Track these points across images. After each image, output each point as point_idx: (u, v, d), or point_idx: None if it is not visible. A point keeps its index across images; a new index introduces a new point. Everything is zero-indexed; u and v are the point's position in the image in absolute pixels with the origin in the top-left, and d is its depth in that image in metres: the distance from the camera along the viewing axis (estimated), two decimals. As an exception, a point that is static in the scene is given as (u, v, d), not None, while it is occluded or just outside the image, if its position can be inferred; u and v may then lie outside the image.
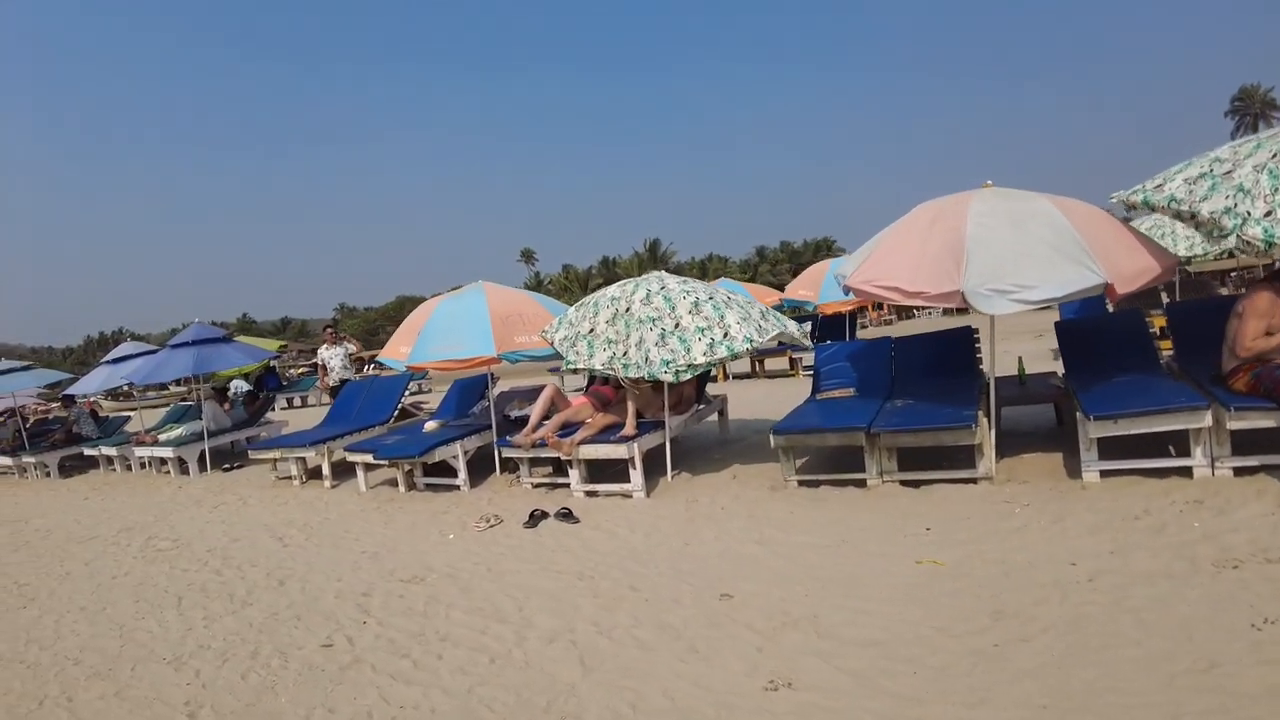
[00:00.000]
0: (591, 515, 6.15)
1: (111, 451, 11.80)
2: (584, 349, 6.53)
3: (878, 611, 3.84)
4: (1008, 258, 5.12)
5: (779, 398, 11.38)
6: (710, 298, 6.44)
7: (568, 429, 6.95)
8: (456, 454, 7.47)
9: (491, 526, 6.19)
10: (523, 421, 7.79)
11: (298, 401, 23.19)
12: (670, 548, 5.18)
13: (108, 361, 12.19)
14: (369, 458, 7.84)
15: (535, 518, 6.14)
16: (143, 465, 11.69)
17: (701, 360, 6.11)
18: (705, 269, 72.05)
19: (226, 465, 10.87)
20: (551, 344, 7.11)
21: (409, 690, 3.59)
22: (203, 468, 10.75)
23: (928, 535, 4.84)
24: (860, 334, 16.56)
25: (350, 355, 11.65)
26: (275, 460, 9.44)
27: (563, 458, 6.66)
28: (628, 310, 6.49)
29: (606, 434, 6.68)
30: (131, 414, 14.55)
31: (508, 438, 7.13)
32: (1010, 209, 5.44)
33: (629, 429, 6.59)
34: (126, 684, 4.08)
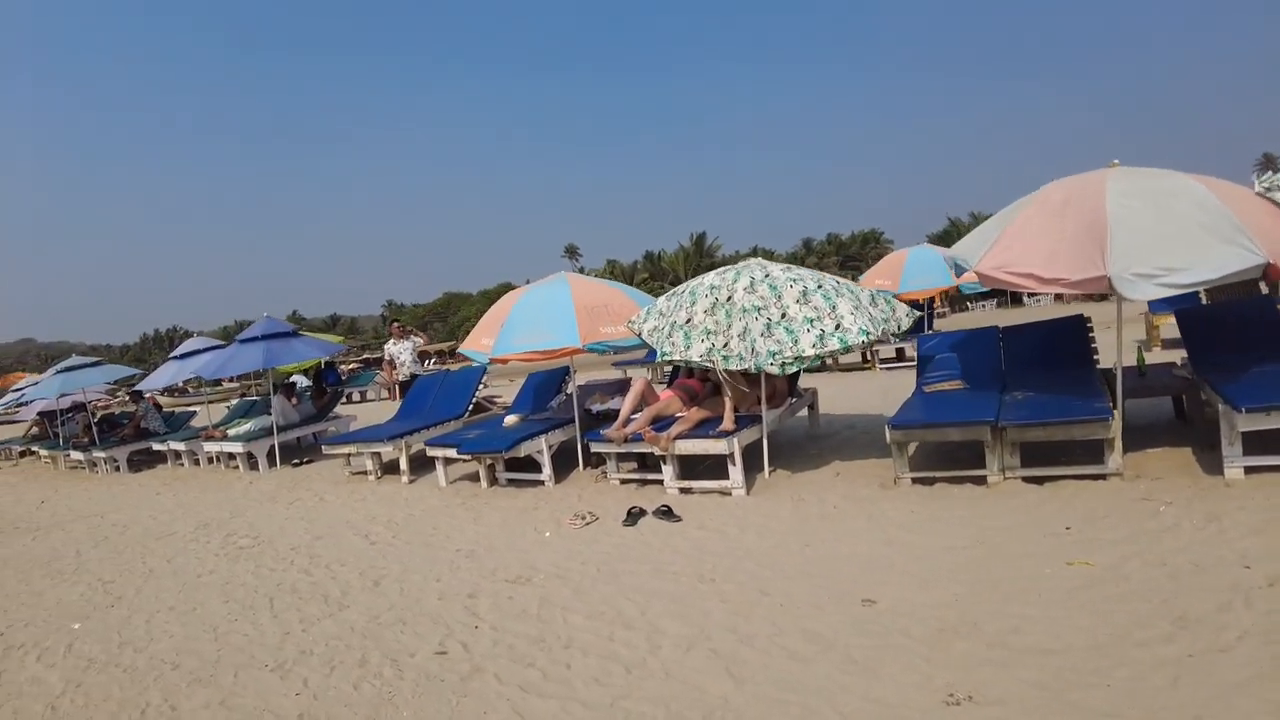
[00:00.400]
0: (692, 513, 5.90)
1: (180, 446, 11.80)
2: (680, 340, 6.26)
3: (1042, 617, 3.54)
4: (1153, 239, 4.76)
5: (856, 391, 11.06)
6: (819, 286, 6.14)
7: (659, 424, 6.70)
8: (541, 449, 7.26)
9: (588, 524, 5.96)
10: (606, 416, 7.58)
11: (356, 396, 23.22)
12: (789, 549, 4.90)
13: (175, 357, 12.19)
14: (451, 452, 7.66)
15: (634, 515, 5.91)
16: (211, 460, 11.68)
17: (810, 352, 5.83)
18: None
19: (296, 460, 10.79)
20: (639, 335, 6.86)
21: (545, 704, 3.35)
22: (272, 463, 10.68)
23: (1069, 535, 4.52)
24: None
25: (417, 350, 11.51)
26: (349, 455, 9.30)
27: (658, 453, 6.40)
28: (729, 299, 6.21)
29: (703, 428, 6.42)
30: (197, 409, 14.61)
31: (599, 431, 6.89)
32: (1151, 187, 5.07)
33: (728, 423, 6.32)
34: (231, 691, 3.90)
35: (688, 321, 6.32)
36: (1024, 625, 3.49)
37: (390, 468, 9.02)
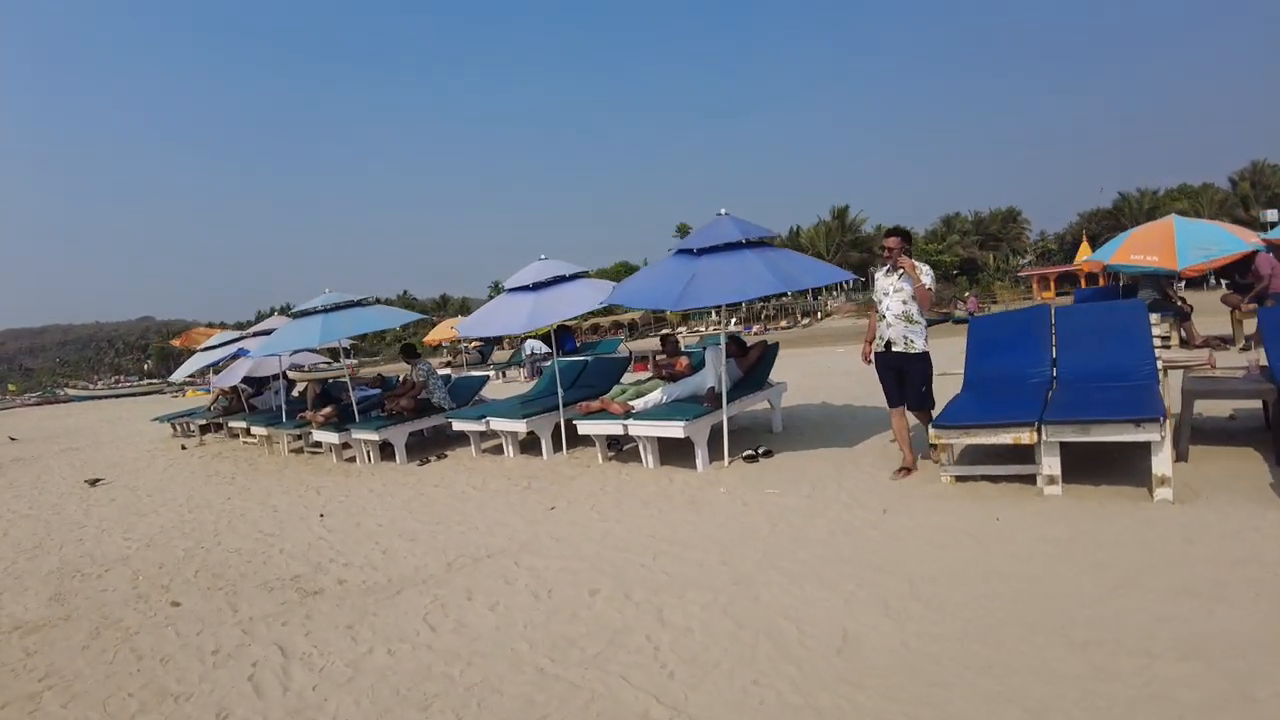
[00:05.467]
0: None
1: (514, 426, 7.37)
2: None
3: None
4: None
5: None
6: None
7: None
8: None
9: None
10: None
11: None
12: None
13: (522, 287, 7.44)
14: None
15: None
16: (558, 447, 7.29)
17: None
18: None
19: (749, 451, 6.25)
20: None
21: None
22: (715, 453, 6.21)
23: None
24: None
25: (920, 293, 5.94)
26: (948, 444, 4.75)
27: None
28: None
29: None
30: (490, 374, 10.22)
31: None
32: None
33: None
34: None
35: None
36: None
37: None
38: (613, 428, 6.43)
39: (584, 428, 6.68)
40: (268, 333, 10.38)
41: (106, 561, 5.48)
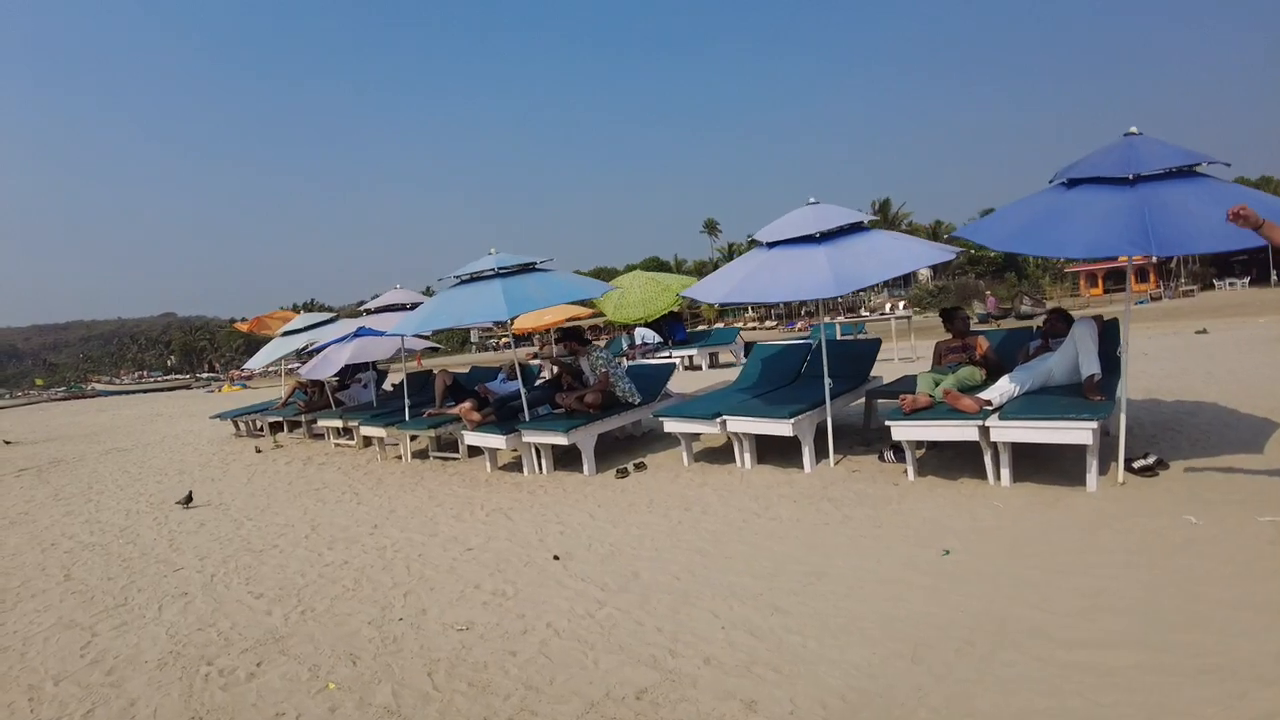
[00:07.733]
0: None
1: (776, 429, 5.29)
2: None
3: None
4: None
5: None
6: None
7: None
8: None
9: None
10: None
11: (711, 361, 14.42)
12: None
13: (795, 240, 5.19)
14: None
15: None
16: (822, 456, 5.27)
17: None
18: (935, 234, 62.96)
19: (1140, 461, 4.26)
20: None
21: None
22: (1103, 469, 4.19)
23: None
24: None
25: None
26: None
27: None
28: None
29: None
30: (672, 355, 8.13)
31: None
32: None
33: None
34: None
35: None
36: None
37: None
38: (957, 431, 4.41)
39: (901, 431, 4.64)
40: (396, 308, 8.38)
41: (248, 643, 3.45)
